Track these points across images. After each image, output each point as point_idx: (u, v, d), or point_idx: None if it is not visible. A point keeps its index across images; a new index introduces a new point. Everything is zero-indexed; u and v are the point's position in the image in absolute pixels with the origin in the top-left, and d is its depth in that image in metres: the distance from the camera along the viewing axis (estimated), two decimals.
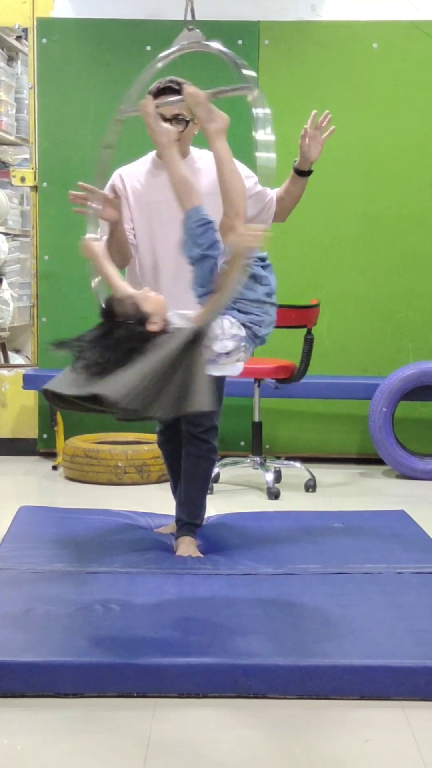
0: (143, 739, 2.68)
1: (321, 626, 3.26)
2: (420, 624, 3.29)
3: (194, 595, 3.55)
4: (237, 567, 3.87)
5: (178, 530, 4.12)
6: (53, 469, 6.00)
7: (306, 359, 5.56)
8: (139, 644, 3.08)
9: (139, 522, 4.51)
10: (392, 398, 5.91)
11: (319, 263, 6.21)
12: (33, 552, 4.03)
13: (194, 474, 4.10)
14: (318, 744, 2.70)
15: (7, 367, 6.83)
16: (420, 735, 2.73)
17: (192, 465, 4.10)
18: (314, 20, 6.16)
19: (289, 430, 6.34)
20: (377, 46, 6.15)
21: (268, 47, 6.12)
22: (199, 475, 4.11)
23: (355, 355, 6.31)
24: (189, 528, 4.11)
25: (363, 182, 6.23)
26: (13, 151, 7.41)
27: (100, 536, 4.29)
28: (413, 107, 6.19)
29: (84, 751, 2.64)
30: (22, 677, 2.91)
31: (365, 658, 3.00)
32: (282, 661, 2.98)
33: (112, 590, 3.56)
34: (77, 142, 6.20)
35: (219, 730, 2.76)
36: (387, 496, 5.53)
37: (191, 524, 4.12)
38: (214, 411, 4.04)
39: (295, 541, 4.27)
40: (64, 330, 6.28)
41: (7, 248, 7.08)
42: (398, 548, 4.17)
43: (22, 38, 6.94)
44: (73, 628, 3.22)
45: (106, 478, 5.62)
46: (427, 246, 6.25)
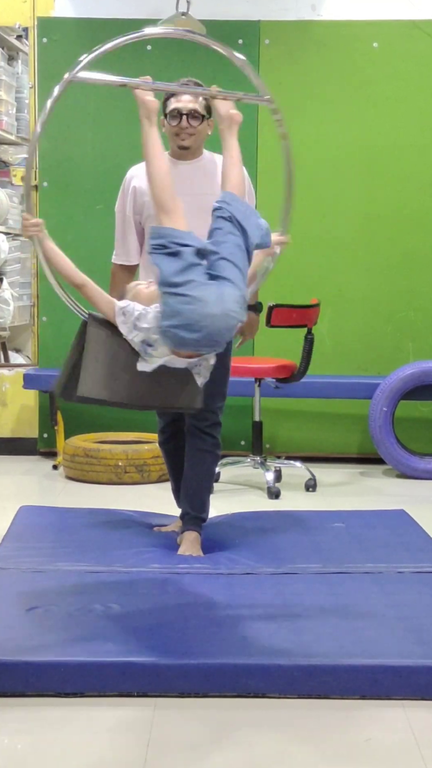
0: (143, 738, 2.68)
1: (321, 626, 3.26)
2: (420, 623, 3.29)
3: (194, 595, 3.55)
4: (237, 567, 3.87)
5: (185, 523, 4.13)
6: (53, 469, 6.00)
7: (306, 359, 5.56)
8: (139, 644, 3.08)
9: (140, 522, 4.51)
10: (392, 398, 5.91)
11: (320, 263, 6.21)
12: (33, 551, 4.02)
13: (200, 467, 4.12)
14: (318, 744, 2.70)
15: (7, 366, 6.83)
16: (420, 734, 2.73)
17: (198, 459, 4.11)
18: (315, 20, 6.16)
19: (290, 430, 6.35)
20: (377, 45, 6.15)
21: (268, 47, 6.12)
22: (204, 468, 4.13)
23: (355, 354, 6.31)
24: (195, 521, 4.12)
25: (363, 182, 6.23)
26: (14, 150, 7.42)
27: (100, 536, 4.29)
28: (413, 107, 6.19)
29: (84, 751, 2.64)
30: (22, 677, 2.91)
31: (365, 657, 3.00)
32: (282, 660, 2.98)
33: (112, 590, 3.56)
34: (77, 142, 6.21)
35: (219, 730, 2.76)
36: (387, 496, 5.53)
37: (198, 518, 4.12)
38: (219, 406, 4.07)
39: (295, 541, 4.27)
40: (64, 329, 6.30)
41: (8, 248, 7.08)
42: (398, 548, 4.17)
43: (23, 38, 6.94)
44: (73, 628, 3.22)
45: (107, 478, 5.62)
46: (427, 245, 6.25)
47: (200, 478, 4.14)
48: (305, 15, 6.16)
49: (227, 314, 3.07)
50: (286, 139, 3.72)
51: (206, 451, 4.12)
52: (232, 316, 3.09)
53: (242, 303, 3.13)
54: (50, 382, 6.05)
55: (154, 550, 4.06)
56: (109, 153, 6.14)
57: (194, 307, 3.04)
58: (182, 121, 3.95)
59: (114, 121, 6.14)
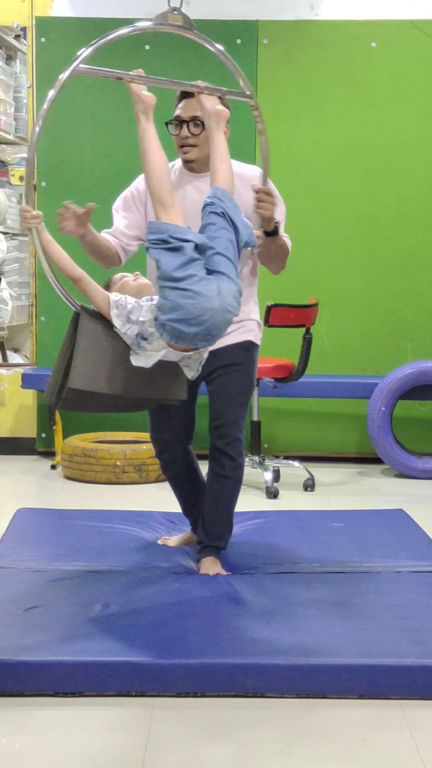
0: (142, 738, 2.68)
1: (319, 625, 3.26)
2: (418, 623, 3.29)
3: (194, 594, 3.55)
4: (236, 566, 3.86)
5: (200, 551, 3.85)
6: (52, 469, 6.00)
7: (305, 358, 5.56)
8: (138, 644, 3.08)
9: (139, 522, 4.50)
10: (391, 397, 5.91)
11: (318, 262, 6.22)
12: (32, 551, 4.02)
13: (218, 495, 3.80)
14: (316, 743, 2.70)
15: (5, 366, 6.83)
16: (418, 734, 2.73)
17: (214, 485, 3.80)
18: (313, 19, 6.16)
19: (288, 430, 6.35)
20: (376, 45, 6.15)
21: (266, 46, 6.12)
22: (223, 496, 3.81)
23: (353, 354, 6.31)
24: (211, 550, 3.83)
25: (361, 181, 6.23)
26: (12, 150, 7.42)
27: (99, 536, 4.29)
28: (412, 106, 6.19)
29: (83, 751, 2.64)
30: (21, 676, 2.91)
31: (364, 657, 3.00)
32: (280, 660, 2.98)
33: (112, 590, 3.56)
34: (76, 142, 6.21)
35: (217, 730, 2.76)
36: (385, 495, 5.53)
37: (213, 547, 3.84)
38: (238, 418, 3.78)
39: (294, 541, 4.27)
40: (62, 329, 6.29)
41: (6, 247, 7.09)
42: (397, 547, 4.17)
43: (21, 37, 6.94)
44: (71, 628, 3.21)
45: (105, 478, 5.62)
46: (425, 245, 6.25)
47: (217, 507, 3.81)
48: (303, 14, 6.17)
49: (226, 308, 3.14)
50: (264, 135, 3.74)
51: (224, 476, 3.78)
52: (229, 310, 3.16)
53: (239, 298, 3.19)
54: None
55: (154, 550, 4.06)
56: (107, 152, 6.14)
57: (196, 301, 3.09)
58: (183, 129, 3.75)
59: (112, 120, 6.14)
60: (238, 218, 3.28)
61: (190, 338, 3.16)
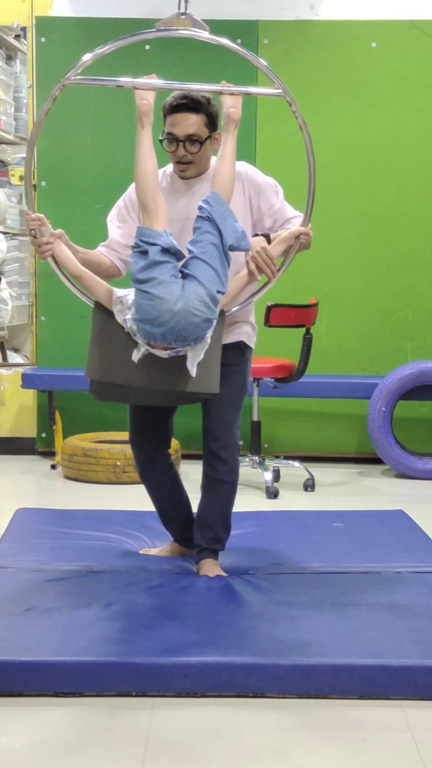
0: (142, 738, 2.68)
1: (319, 626, 3.26)
2: (418, 623, 3.29)
3: (194, 594, 3.55)
4: (236, 567, 3.86)
5: (198, 554, 3.82)
6: (52, 468, 6.00)
7: (305, 358, 5.56)
8: (138, 643, 3.08)
9: (138, 522, 4.50)
10: (391, 398, 5.91)
11: (318, 263, 6.21)
12: (33, 551, 4.02)
13: (213, 498, 3.78)
14: (317, 743, 2.70)
15: (5, 366, 6.83)
16: (418, 734, 2.73)
17: (210, 489, 3.78)
18: (313, 19, 6.16)
19: (288, 430, 6.35)
20: (376, 45, 6.15)
21: (266, 46, 6.12)
22: (217, 500, 3.77)
23: (353, 354, 6.31)
24: (209, 553, 3.81)
25: (361, 181, 6.23)
26: (12, 150, 7.42)
27: (100, 536, 4.28)
28: (411, 106, 6.19)
29: (83, 751, 2.64)
30: (21, 676, 2.91)
31: (364, 657, 3.00)
32: (280, 660, 2.98)
33: (111, 590, 3.56)
34: (76, 141, 6.21)
35: (218, 730, 2.76)
36: (386, 496, 5.53)
37: (210, 549, 3.81)
38: (232, 420, 3.73)
39: (294, 541, 4.27)
40: (62, 329, 6.32)
41: (6, 247, 7.08)
42: (397, 548, 4.17)
43: (21, 37, 6.94)
44: (72, 628, 3.21)
45: (105, 477, 5.62)
46: (425, 245, 6.25)
47: (213, 510, 3.78)
48: (304, 14, 6.17)
49: (189, 311, 3.25)
50: (305, 130, 3.69)
51: (217, 480, 3.75)
52: (194, 313, 3.26)
53: (208, 301, 3.28)
54: (48, 381, 6.09)
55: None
56: (108, 153, 6.14)
57: (153, 303, 3.24)
58: (179, 149, 3.59)
59: (112, 121, 6.14)
60: (224, 223, 3.35)
61: (160, 338, 3.28)
